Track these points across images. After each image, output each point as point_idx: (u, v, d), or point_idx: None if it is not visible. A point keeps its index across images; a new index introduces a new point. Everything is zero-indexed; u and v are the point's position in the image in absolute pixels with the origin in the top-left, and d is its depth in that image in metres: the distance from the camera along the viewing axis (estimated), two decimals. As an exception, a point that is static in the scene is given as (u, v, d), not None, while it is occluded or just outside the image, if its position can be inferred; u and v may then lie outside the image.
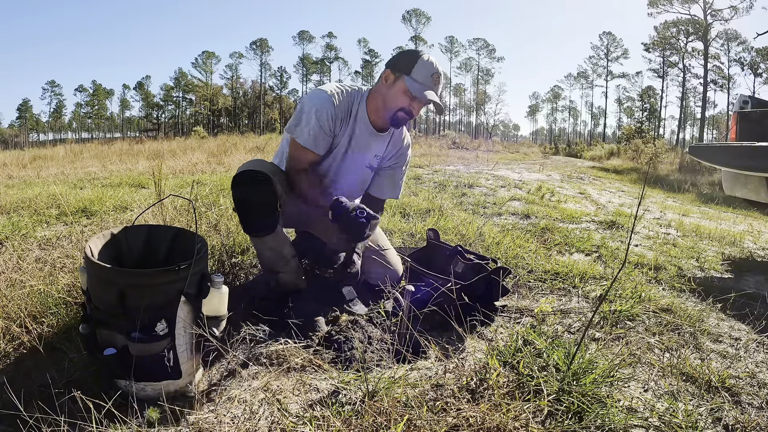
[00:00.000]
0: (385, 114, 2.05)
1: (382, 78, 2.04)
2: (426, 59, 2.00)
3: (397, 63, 2.02)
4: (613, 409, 1.33)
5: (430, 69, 1.99)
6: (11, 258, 2.17)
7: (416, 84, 1.98)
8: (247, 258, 2.38)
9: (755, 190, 3.39)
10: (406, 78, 1.98)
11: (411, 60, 2.00)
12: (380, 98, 2.04)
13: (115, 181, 5.28)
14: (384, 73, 2.04)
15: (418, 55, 2.01)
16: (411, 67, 1.98)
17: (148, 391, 1.39)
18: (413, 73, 1.98)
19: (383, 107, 2.04)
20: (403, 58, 2.03)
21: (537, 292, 2.34)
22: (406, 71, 1.98)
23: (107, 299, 1.34)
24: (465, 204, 4.37)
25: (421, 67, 1.98)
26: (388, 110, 2.03)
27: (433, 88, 2.01)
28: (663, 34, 51.98)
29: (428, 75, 1.99)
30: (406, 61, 2.01)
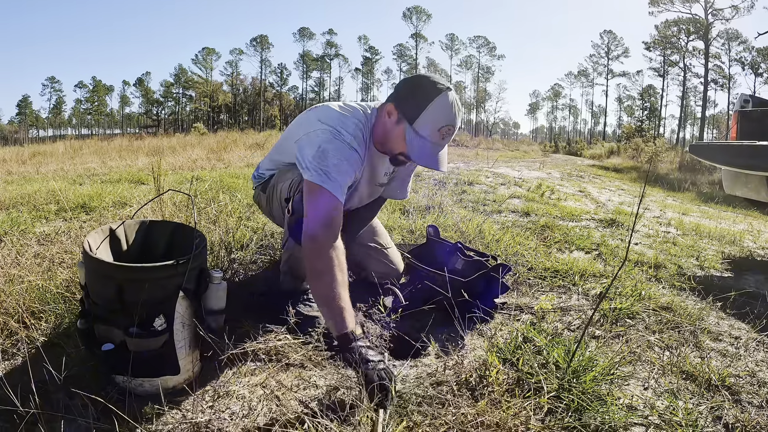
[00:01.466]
0: (384, 149, 1.80)
1: (384, 111, 1.72)
2: (437, 105, 1.63)
3: (402, 103, 1.67)
4: (613, 406, 1.33)
5: (438, 120, 1.64)
6: (10, 253, 2.16)
7: (419, 140, 1.65)
8: (246, 254, 2.38)
9: (755, 189, 3.38)
10: (407, 127, 1.66)
11: (418, 105, 1.64)
12: (381, 132, 1.75)
13: (115, 177, 5.27)
14: (387, 107, 1.71)
15: (428, 99, 1.62)
16: (417, 114, 1.64)
17: (146, 387, 1.38)
18: (417, 123, 1.64)
19: (384, 143, 1.78)
20: (411, 98, 1.66)
21: (537, 290, 2.33)
22: (409, 117, 1.65)
23: (105, 294, 1.34)
24: (465, 201, 4.37)
25: (428, 119, 1.63)
26: (388, 150, 1.79)
27: (442, 143, 1.68)
28: (664, 33, 51.89)
29: (435, 129, 1.64)
30: (412, 104, 1.65)
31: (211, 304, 1.45)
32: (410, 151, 1.66)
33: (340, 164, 1.61)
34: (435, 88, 1.63)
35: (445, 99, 1.63)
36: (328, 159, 1.59)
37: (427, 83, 1.66)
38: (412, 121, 1.64)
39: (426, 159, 1.66)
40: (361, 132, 1.72)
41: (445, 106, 1.63)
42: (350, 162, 1.65)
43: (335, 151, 1.62)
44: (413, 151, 1.65)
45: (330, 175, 1.58)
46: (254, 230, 2.67)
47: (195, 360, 1.47)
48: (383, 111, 1.72)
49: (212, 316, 1.45)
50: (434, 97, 1.62)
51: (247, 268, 2.31)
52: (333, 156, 1.60)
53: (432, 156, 1.66)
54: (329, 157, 1.60)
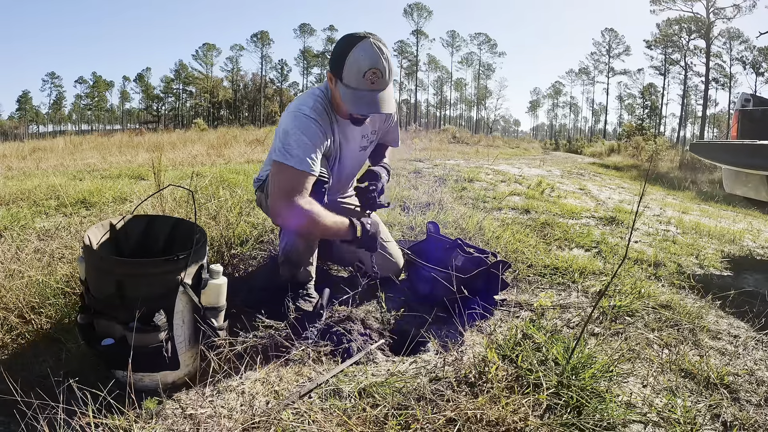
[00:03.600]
0: (340, 114, 1.87)
1: (328, 80, 1.80)
2: (356, 53, 1.64)
3: (330, 62, 1.73)
4: (611, 404, 1.33)
5: (361, 67, 1.65)
6: (10, 249, 2.17)
7: (351, 93, 1.69)
8: (246, 249, 2.38)
9: (755, 189, 3.38)
10: (340, 85, 1.70)
11: (339, 58, 1.67)
12: (335, 102, 1.82)
13: (115, 173, 5.26)
14: (327, 75, 1.78)
15: (347, 51, 1.66)
16: (341, 68, 1.68)
17: (146, 382, 1.39)
18: (344, 76, 1.68)
19: (338, 109, 1.85)
20: (335, 57, 1.70)
21: (536, 287, 2.33)
22: (338, 74, 1.70)
23: (105, 289, 1.34)
24: (465, 198, 4.36)
25: (351, 68, 1.66)
26: (341, 113, 1.85)
27: (374, 88, 1.69)
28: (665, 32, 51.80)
29: (360, 76, 1.66)
30: (336, 60, 1.69)
31: (211, 299, 1.45)
32: (346, 104, 1.71)
33: (299, 139, 1.69)
34: (352, 39, 1.67)
35: (363, 45, 1.65)
36: (288, 137, 1.70)
37: (345, 38, 1.70)
38: (340, 76, 1.69)
39: (361, 107, 1.72)
40: (320, 104, 1.80)
41: (365, 51, 1.65)
42: (309, 133, 1.72)
43: (295, 128, 1.71)
44: (348, 103, 1.71)
45: (291, 151, 1.67)
46: (254, 226, 2.67)
47: (195, 355, 1.48)
48: (328, 79, 1.79)
49: (212, 312, 1.45)
50: (352, 47, 1.65)
51: (247, 264, 2.31)
52: (293, 134, 1.70)
53: (367, 103, 1.70)
54: (290, 136, 1.70)
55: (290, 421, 1.22)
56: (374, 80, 1.68)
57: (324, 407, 1.27)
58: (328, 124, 1.83)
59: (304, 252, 1.89)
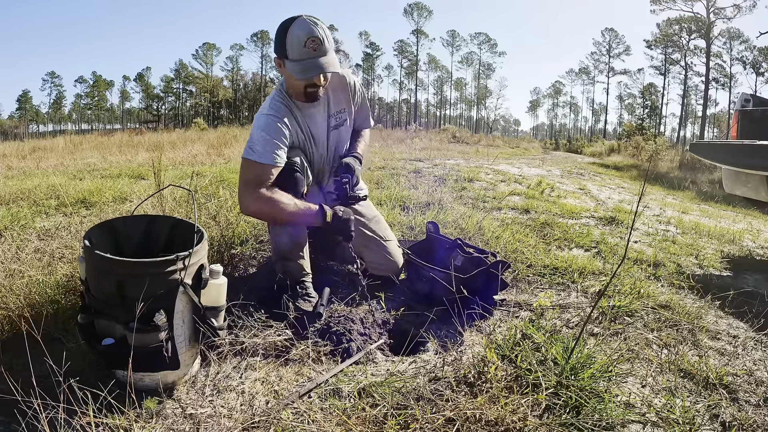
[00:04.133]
0: (298, 98, 1.97)
1: (277, 68, 1.94)
2: (293, 30, 1.80)
3: (274, 48, 1.89)
4: (610, 404, 1.33)
5: (300, 38, 1.79)
6: (10, 248, 2.17)
7: (297, 64, 1.82)
8: (246, 249, 2.38)
9: (755, 189, 3.38)
10: (287, 62, 1.84)
11: (281, 39, 1.83)
12: (289, 87, 1.96)
13: (115, 173, 5.27)
14: (276, 62, 1.92)
15: (285, 31, 1.81)
16: (284, 48, 1.83)
17: (146, 382, 1.39)
18: (288, 53, 1.83)
19: (293, 93, 1.96)
20: (276, 39, 1.86)
21: (536, 287, 2.34)
22: (283, 54, 1.85)
23: (106, 289, 1.34)
24: (465, 198, 4.36)
25: (293, 43, 1.81)
26: (297, 94, 1.95)
27: (316, 55, 1.82)
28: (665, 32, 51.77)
29: (301, 47, 1.80)
30: (278, 42, 1.85)
31: (212, 299, 1.45)
32: (295, 75, 1.84)
33: (259, 135, 1.86)
34: (288, 20, 1.82)
35: (298, 22, 1.80)
36: (252, 137, 1.87)
37: (282, 23, 1.84)
38: (285, 55, 1.83)
39: (308, 71, 1.83)
40: (276, 101, 1.97)
41: (301, 25, 1.79)
42: (268, 129, 1.88)
43: (256, 129, 1.89)
44: (297, 73, 1.83)
45: (253, 148, 1.85)
46: (254, 225, 2.67)
47: (195, 355, 1.48)
48: (277, 67, 1.93)
49: (212, 311, 1.46)
50: (289, 26, 1.80)
51: (246, 263, 2.31)
52: (254, 133, 1.88)
53: (313, 67, 1.82)
54: (253, 135, 1.88)
55: (290, 420, 1.22)
56: (315, 47, 1.81)
57: (323, 407, 1.27)
58: (288, 114, 1.96)
59: (290, 245, 1.97)
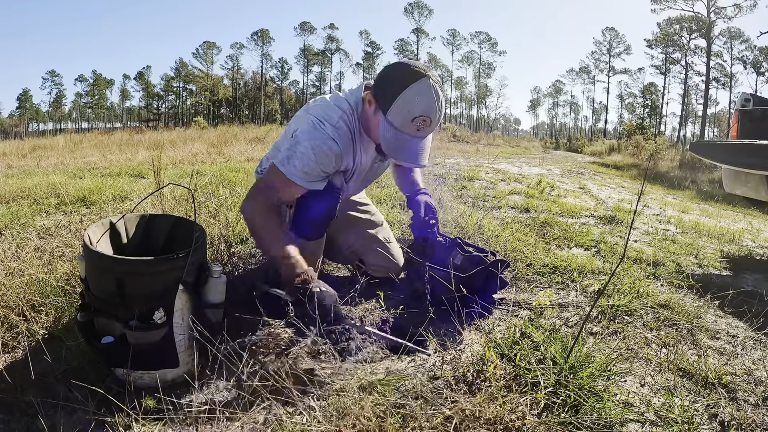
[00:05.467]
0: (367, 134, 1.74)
1: (366, 100, 1.65)
2: (410, 93, 1.49)
3: (378, 91, 1.58)
4: (609, 403, 1.33)
5: (412, 110, 1.50)
6: (10, 247, 2.17)
7: (393, 133, 1.55)
8: (246, 248, 2.38)
9: (755, 188, 3.38)
10: (381, 117, 1.56)
11: (391, 92, 1.52)
12: (365, 121, 1.69)
13: (115, 171, 5.26)
14: (367, 96, 1.63)
15: (401, 87, 1.50)
16: (389, 103, 1.52)
17: (146, 380, 1.39)
18: (390, 113, 1.53)
19: (368, 132, 1.72)
20: (384, 85, 1.56)
21: (535, 286, 2.34)
22: (383, 107, 1.55)
23: (105, 287, 1.34)
24: (464, 197, 4.37)
25: (401, 108, 1.51)
26: (373, 139, 1.72)
27: (418, 135, 1.56)
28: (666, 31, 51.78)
29: (408, 120, 1.52)
30: (385, 92, 1.54)
31: (211, 297, 1.46)
32: (383, 143, 1.58)
33: (307, 155, 1.61)
34: (410, 75, 1.51)
35: (420, 86, 1.49)
36: (298, 148, 1.62)
37: (402, 69, 1.55)
38: (385, 110, 1.54)
39: (399, 153, 1.58)
40: (345, 122, 1.67)
41: (421, 94, 1.50)
42: (319, 155, 1.62)
43: (307, 142, 1.62)
44: (385, 143, 1.58)
45: (294, 164, 1.62)
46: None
47: (194, 353, 1.48)
48: (366, 100, 1.64)
49: (212, 310, 1.46)
50: (408, 85, 1.50)
51: (246, 262, 2.31)
52: (303, 148, 1.62)
53: (406, 150, 1.57)
54: (300, 147, 1.62)
55: (289, 418, 1.22)
56: (421, 127, 1.55)
57: (322, 405, 1.27)
58: (349, 146, 1.71)
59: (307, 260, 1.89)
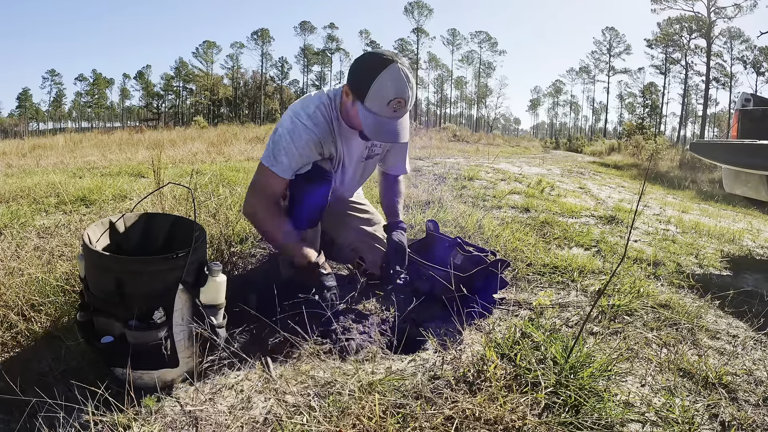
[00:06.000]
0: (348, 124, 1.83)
1: (343, 92, 1.74)
2: (383, 79, 1.59)
3: (353, 82, 1.67)
4: (609, 403, 1.33)
5: (386, 94, 1.61)
6: (10, 246, 2.17)
7: (372, 118, 1.65)
8: (246, 247, 2.38)
9: (755, 188, 3.38)
10: (360, 106, 1.65)
11: (365, 80, 1.62)
12: (345, 111, 1.78)
13: (115, 171, 5.26)
14: (344, 88, 1.73)
15: (374, 75, 1.60)
16: (365, 91, 1.62)
17: (145, 380, 1.39)
18: (367, 100, 1.63)
19: (349, 122, 1.81)
20: (358, 74, 1.66)
21: (536, 285, 2.33)
22: (359, 96, 1.65)
23: (105, 287, 1.34)
24: (465, 196, 4.36)
25: (376, 94, 1.61)
26: (351, 124, 1.81)
27: (395, 116, 1.66)
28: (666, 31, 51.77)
29: (384, 103, 1.62)
30: (360, 81, 1.64)
31: (211, 297, 1.45)
32: (365, 128, 1.68)
33: (288, 147, 1.74)
34: (380, 62, 1.61)
35: (391, 72, 1.59)
36: (279, 142, 1.76)
37: (371, 58, 1.65)
38: (362, 98, 1.64)
39: (381, 135, 1.69)
40: (321, 112, 1.79)
41: (393, 78, 1.60)
42: (300, 143, 1.74)
43: (287, 135, 1.75)
44: (367, 128, 1.67)
45: (278, 158, 1.74)
46: (254, 224, 2.67)
47: (194, 353, 1.47)
48: (344, 92, 1.74)
49: (211, 309, 1.45)
50: (379, 72, 1.59)
51: (246, 261, 2.31)
52: (284, 140, 1.75)
53: (387, 131, 1.67)
54: (280, 140, 1.76)
55: (288, 419, 1.22)
56: (397, 108, 1.64)
57: (322, 405, 1.27)
58: (327, 133, 1.81)
59: None
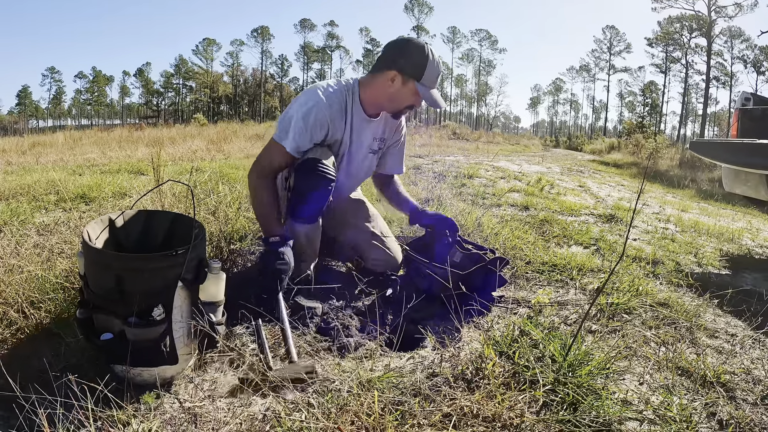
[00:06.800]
0: (388, 108, 2.07)
1: (386, 78, 1.98)
2: (433, 62, 1.97)
3: (405, 67, 1.96)
4: (608, 401, 1.33)
5: (436, 72, 2.00)
6: (9, 244, 2.17)
7: (429, 92, 2.00)
8: (245, 245, 2.38)
9: (755, 188, 3.38)
10: (417, 84, 1.97)
11: (420, 65, 1.96)
12: (383, 95, 2.01)
13: (114, 168, 5.26)
14: (389, 74, 1.97)
15: (426, 60, 1.96)
16: (421, 73, 1.96)
17: (145, 377, 1.39)
18: (424, 78, 1.97)
19: (388, 103, 2.04)
20: (411, 61, 1.97)
21: (534, 283, 2.34)
22: (416, 77, 1.96)
23: (104, 284, 1.34)
24: (464, 194, 4.36)
25: (430, 73, 1.98)
26: (394, 106, 2.05)
27: (437, 88, 2.05)
28: (666, 30, 51.75)
29: (435, 78, 2.01)
30: (414, 65, 1.96)
31: (210, 294, 1.45)
32: (426, 100, 2.01)
33: (297, 123, 1.91)
34: (422, 46, 1.98)
35: (433, 53, 1.98)
36: (291, 121, 1.91)
37: (413, 44, 1.99)
38: (419, 78, 1.96)
39: (437, 102, 2.02)
40: (337, 95, 1.99)
41: (436, 61, 1.99)
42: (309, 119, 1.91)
43: (298, 111, 1.92)
44: (429, 100, 2.00)
45: (288, 134, 1.91)
46: (253, 221, 2.67)
47: (193, 350, 1.48)
48: (383, 78, 1.99)
49: (211, 306, 1.46)
50: (426, 53, 1.96)
51: (245, 259, 2.31)
52: (296, 116, 1.91)
53: (439, 99, 2.04)
54: (292, 119, 1.91)
55: (287, 415, 1.22)
56: (439, 82, 2.04)
57: (321, 401, 1.27)
58: (339, 115, 2.01)
59: (305, 242, 1.98)
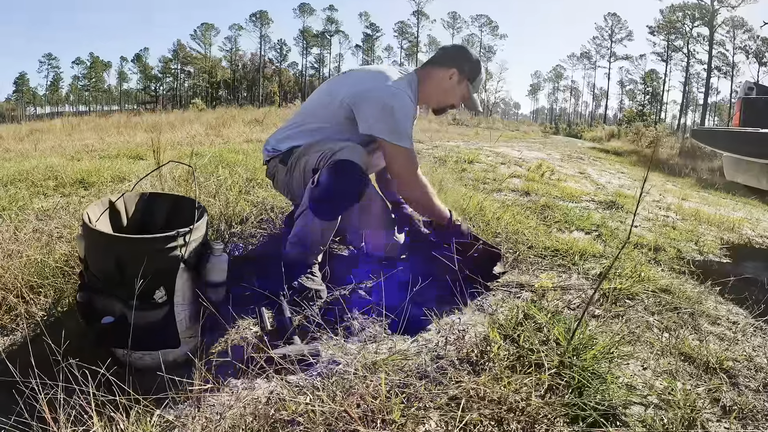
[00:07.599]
0: (437, 103, 2.19)
1: (446, 73, 2.11)
2: (482, 70, 2.18)
3: (465, 68, 2.12)
4: (612, 385, 1.33)
5: (481, 79, 2.19)
6: (8, 229, 2.15)
7: (475, 95, 2.20)
8: (246, 227, 2.37)
9: (756, 177, 3.38)
10: (470, 85, 2.14)
11: (476, 69, 2.15)
12: (439, 90, 2.14)
13: (113, 153, 5.23)
14: (450, 71, 2.10)
15: (479, 66, 2.15)
16: (475, 77, 2.15)
17: (147, 360, 1.38)
18: (475, 82, 2.15)
19: (439, 99, 2.17)
20: (470, 64, 2.13)
21: (537, 268, 2.33)
22: (470, 79, 2.14)
23: (105, 267, 1.33)
24: (465, 179, 4.35)
25: (480, 78, 2.18)
26: (443, 103, 2.18)
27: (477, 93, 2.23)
28: (668, 18, 51.35)
29: (479, 85, 2.19)
30: (472, 69, 2.14)
31: (212, 276, 1.44)
32: (474, 103, 2.21)
33: (405, 122, 1.97)
34: (479, 58, 2.18)
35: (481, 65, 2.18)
36: (397, 118, 1.93)
37: (474, 54, 2.18)
38: (472, 80, 2.14)
39: (477, 106, 2.24)
40: (409, 90, 2.04)
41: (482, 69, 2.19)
42: (410, 116, 2.01)
43: (400, 109, 1.94)
44: (473, 101, 2.20)
45: (404, 133, 1.96)
46: (254, 204, 2.65)
47: (196, 333, 1.47)
48: (444, 73, 2.12)
49: (213, 289, 1.45)
50: (480, 64, 2.17)
51: (246, 242, 2.30)
52: (400, 116, 1.94)
53: (478, 104, 2.25)
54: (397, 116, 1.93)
55: (292, 398, 1.22)
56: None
57: (326, 385, 1.26)
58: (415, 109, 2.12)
59: (320, 237, 1.91)
